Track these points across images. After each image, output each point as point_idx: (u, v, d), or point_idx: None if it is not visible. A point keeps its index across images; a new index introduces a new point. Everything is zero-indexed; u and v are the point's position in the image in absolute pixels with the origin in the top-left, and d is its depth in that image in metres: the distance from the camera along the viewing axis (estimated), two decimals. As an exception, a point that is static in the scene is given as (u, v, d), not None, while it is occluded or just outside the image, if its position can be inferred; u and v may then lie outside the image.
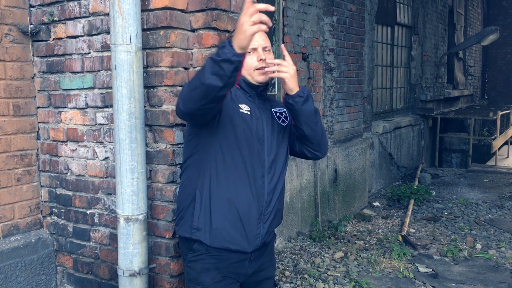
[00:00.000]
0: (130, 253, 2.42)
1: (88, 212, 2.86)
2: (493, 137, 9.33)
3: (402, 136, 7.59)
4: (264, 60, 2.04)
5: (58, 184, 2.98)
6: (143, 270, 2.45)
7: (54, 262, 3.05)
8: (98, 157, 2.78)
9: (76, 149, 2.87)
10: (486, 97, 14.66)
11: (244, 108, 2.03)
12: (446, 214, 5.77)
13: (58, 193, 2.99)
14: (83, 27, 2.72)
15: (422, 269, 4.08)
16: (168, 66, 2.45)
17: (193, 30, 2.52)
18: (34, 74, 2.98)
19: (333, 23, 5.08)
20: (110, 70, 2.62)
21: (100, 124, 2.75)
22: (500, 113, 9.24)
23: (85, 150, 2.83)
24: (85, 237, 2.90)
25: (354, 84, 5.60)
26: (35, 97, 2.99)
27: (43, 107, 2.99)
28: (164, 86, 2.47)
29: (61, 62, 2.85)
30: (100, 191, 2.80)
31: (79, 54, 2.77)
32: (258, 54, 2.04)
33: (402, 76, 8.04)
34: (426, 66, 8.73)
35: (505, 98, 14.23)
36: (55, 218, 3.03)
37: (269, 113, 2.12)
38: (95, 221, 2.83)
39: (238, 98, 2.05)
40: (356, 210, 5.68)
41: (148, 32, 2.48)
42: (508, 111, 10.43)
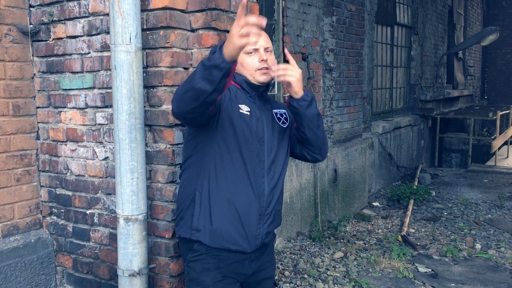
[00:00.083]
0: (129, 253, 2.42)
1: (87, 212, 2.86)
2: (492, 137, 9.33)
3: (402, 136, 7.60)
4: (265, 60, 2.04)
5: (58, 184, 2.98)
6: (143, 270, 2.45)
7: (54, 262, 3.05)
8: (97, 157, 2.78)
9: (75, 149, 2.87)
10: (486, 97, 14.67)
11: (244, 108, 2.02)
12: (445, 214, 5.78)
13: (58, 193, 2.99)
14: (83, 27, 2.72)
15: (422, 269, 4.08)
16: (167, 66, 2.45)
17: (192, 30, 2.52)
18: (34, 74, 2.98)
19: (332, 23, 5.08)
20: (110, 70, 2.62)
21: (99, 124, 2.75)
22: (499, 113, 9.24)
23: (84, 150, 2.83)
24: (84, 237, 2.90)
25: (354, 84, 5.60)
26: (35, 97, 2.99)
27: (43, 107, 2.99)
28: (163, 86, 2.47)
29: (60, 62, 2.85)
30: (99, 191, 2.80)
31: (79, 54, 2.77)
32: (260, 54, 2.04)
33: (402, 76, 8.04)
34: (425, 66, 8.73)
35: (504, 98, 14.23)
36: (55, 218, 3.03)
37: (269, 114, 2.12)
38: (95, 221, 2.83)
39: (238, 98, 2.04)
40: (355, 210, 5.68)
41: (147, 32, 2.48)
42: (507, 111, 10.43)
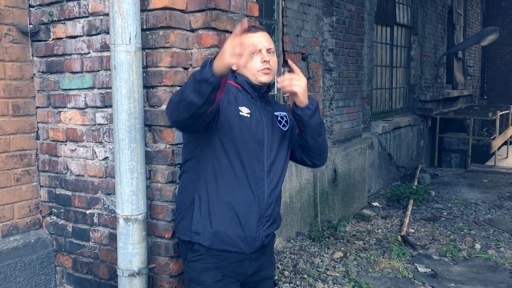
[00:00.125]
0: (129, 253, 2.42)
1: (87, 212, 2.86)
2: (492, 137, 9.33)
3: (402, 136, 7.60)
4: (267, 61, 2.04)
5: (58, 184, 2.98)
6: (143, 270, 2.45)
7: (54, 262, 3.05)
8: (97, 157, 2.78)
9: (75, 149, 2.87)
10: (486, 97, 14.67)
11: (244, 111, 2.02)
12: (445, 214, 5.78)
13: (58, 193, 2.99)
14: (83, 27, 2.72)
15: (421, 269, 4.08)
16: (167, 66, 2.45)
17: (192, 30, 2.52)
18: (34, 74, 2.98)
19: (332, 23, 5.08)
20: (110, 70, 2.63)
21: (99, 124, 2.75)
22: (499, 113, 9.25)
23: (84, 150, 2.83)
24: (84, 237, 2.90)
25: (354, 84, 5.61)
26: (35, 97, 2.99)
27: (43, 107, 2.99)
28: (163, 86, 2.47)
29: (60, 62, 2.85)
30: (99, 191, 2.80)
31: (79, 54, 2.77)
32: (262, 55, 2.04)
33: (402, 76, 8.04)
34: (425, 66, 8.74)
35: (504, 98, 14.23)
36: (55, 218, 3.03)
37: (270, 116, 2.12)
38: (95, 221, 2.83)
39: (239, 100, 2.03)
40: (355, 210, 5.68)
41: (147, 32, 2.48)
42: (507, 111, 10.43)
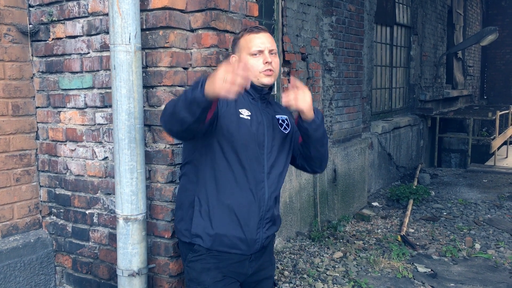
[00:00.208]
0: (129, 253, 2.42)
1: (87, 212, 2.86)
2: (492, 137, 9.33)
3: (401, 136, 7.60)
4: (270, 62, 2.03)
5: (57, 184, 2.98)
6: (142, 270, 2.45)
7: (53, 262, 3.05)
8: (97, 157, 2.78)
9: (75, 149, 2.87)
10: (485, 97, 14.67)
11: (244, 113, 2.01)
12: (445, 214, 5.78)
13: (57, 193, 2.99)
14: (82, 27, 2.72)
15: (421, 269, 4.08)
16: (167, 66, 2.45)
17: (192, 30, 2.52)
18: (33, 74, 2.98)
19: (332, 23, 5.08)
20: (109, 70, 2.63)
21: (99, 124, 2.75)
22: (499, 113, 9.25)
23: (84, 150, 2.83)
24: (84, 237, 2.89)
25: (353, 84, 5.61)
26: (34, 97, 2.99)
27: (42, 107, 2.98)
28: (163, 86, 2.47)
29: (60, 62, 2.85)
30: (99, 191, 2.79)
31: (78, 54, 2.77)
32: (264, 56, 2.03)
33: (401, 76, 8.04)
34: (425, 66, 8.74)
35: (504, 98, 14.24)
36: (54, 218, 3.03)
37: (271, 117, 2.11)
38: (94, 221, 2.83)
39: (239, 102, 2.02)
40: (355, 210, 5.68)
41: (147, 32, 2.48)
42: (507, 111, 10.44)
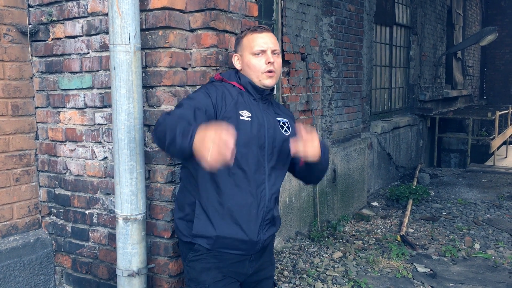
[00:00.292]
0: (128, 253, 2.42)
1: (86, 212, 2.86)
2: (491, 137, 9.34)
3: (401, 136, 7.60)
4: (272, 63, 2.02)
5: (57, 184, 2.98)
6: (142, 270, 2.45)
7: (53, 262, 3.05)
8: (96, 157, 2.78)
9: (74, 149, 2.87)
10: (485, 97, 14.68)
11: (245, 114, 1.99)
12: (444, 214, 5.78)
13: (57, 193, 2.99)
14: (82, 27, 2.72)
15: (421, 269, 4.08)
16: (166, 66, 2.45)
17: (191, 30, 2.52)
18: (33, 74, 2.98)
19: (331, 23, 5.09)
20: (109, 70, 2.63)
21: (98, 124, 2.75)
22: (498, 113, 9.25)
23: (83, 150, 2.83)
24: (83, 237, 2.89)
25: (353, 84, 5.61)
26: (34, 97, 2.99)
27: (42, 107, 2.98)
28: (162, 86, 2.47)
29: (59, 62, 2.85)
30: (98, 191, 2.80)
31: (78, 54, 2.77)
32: (266, 56, 2.01)
33: (401, 76, 8.05)
34: (424, 66, 8.74)
35: (503, 98, 14.25)
36: (54, 218, 3.03)
37: (272, 119, 2.09)
38: (94, 221, 2.83)
39: (240, 103, 2.01)
40: (354, 210, 5.69)
41: (146, 32, 2.48)
42: (506, 111, 10.45)
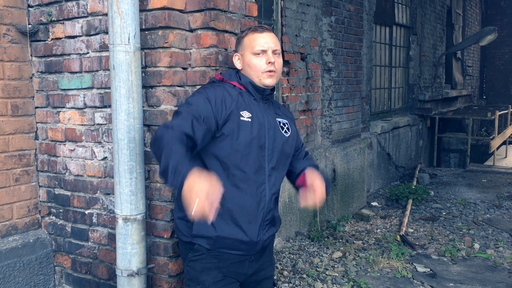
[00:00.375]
0: (128, 253, 2.42)
1: (86, 212, 2.86)
2: (491, 137, 9.35)
3: (401, 136, 7.60)
4: (273, 63, 2.01)
5: (57, 184, 2.98)
6: (142, 270, 2.45)
7: (53, 262, 3.05)
8: (96, 157, 2.78)
9: (74, 149, 2.87)
10: (484, 97, 14.69)
11: (245, 115, 1.99)
12: (444, 214, 5.78)
13: (57, 193, 2.99)
14: (82, 27, 2.72)
15: (420, 269, 4.08)
16: (166, 66, 2.45)
17: (191, 30, 2.52)
18: (33, 74, 2.97)
19: (331, 23, 5.09)
20: (109, 70, 2.63)
21: (98, 124, 2.75)
22: (498, 113, 9.26)
23: (83, 150, 2.83)
24: (83, 237, 2.89)
25: (353, 84, 5.61)
26: (34, 97, 2.99)
27: (42, 107, 2.98)
28: (162, 86, 2.47)
29: (59, 62, 2.85)
30: (98, 191, 2.79)
31: (78, 54, 2.77)
32: (267, 56, 2.01)
33: (400, 76, 8.05)
34: (424, 66, 8.74)
35: (503, 98, 14.26)
36: (54, 218, 3.03)
37: (272, 119, 2.09)
38: (94, 221, 2.83)
39: (240, 104, 2.01)
40: (354, 210, 5.69)
41: (146, 32, 2.48)
42: (506, 111, 10.45)
